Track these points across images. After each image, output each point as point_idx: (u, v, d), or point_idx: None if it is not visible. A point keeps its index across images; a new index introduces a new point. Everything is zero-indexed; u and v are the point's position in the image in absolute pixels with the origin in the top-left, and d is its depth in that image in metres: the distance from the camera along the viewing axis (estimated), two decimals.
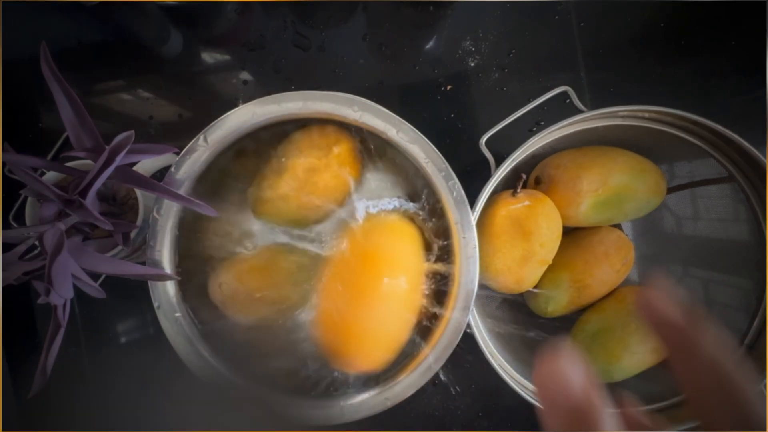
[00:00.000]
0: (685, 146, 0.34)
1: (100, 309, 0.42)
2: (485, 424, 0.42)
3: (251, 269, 0.34)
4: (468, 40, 0.43)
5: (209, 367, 0.31)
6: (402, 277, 0.30)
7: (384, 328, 0.31)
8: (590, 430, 0.13)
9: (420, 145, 0.30)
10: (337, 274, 0.31)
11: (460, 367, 0.42)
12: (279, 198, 0.33)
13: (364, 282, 0.30)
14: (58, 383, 0.32)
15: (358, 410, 0.31)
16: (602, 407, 0.13)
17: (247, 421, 0.31)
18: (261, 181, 0.33)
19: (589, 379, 0.14)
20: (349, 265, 0.31)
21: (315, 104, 0.30)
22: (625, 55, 0.43)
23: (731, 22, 0.43)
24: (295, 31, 0.42)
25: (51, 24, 0.42)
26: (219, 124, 0.30)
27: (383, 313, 0.30)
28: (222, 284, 0.33)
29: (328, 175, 0.32)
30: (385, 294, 0.30)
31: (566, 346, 0.14)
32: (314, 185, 0.32)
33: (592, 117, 0.33)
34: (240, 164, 0.34)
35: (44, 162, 0.27)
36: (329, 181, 0.32)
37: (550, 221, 0.34)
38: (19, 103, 0.41)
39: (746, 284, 0.35)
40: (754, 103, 0.42)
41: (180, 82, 0.42)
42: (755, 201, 0.34)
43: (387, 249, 0.31)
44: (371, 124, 0.30)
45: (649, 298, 0.15)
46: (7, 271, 0.25)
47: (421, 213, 0.34)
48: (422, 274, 0.32)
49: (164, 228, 0.31)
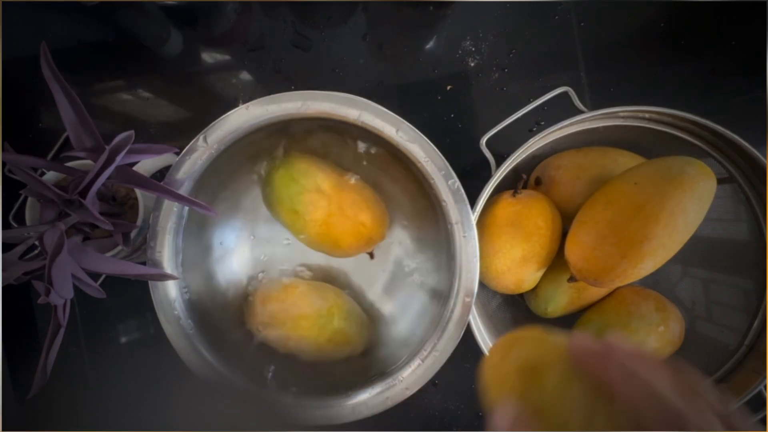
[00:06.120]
0: (686, 146, 0.34)
1: (100, 309, 0.42)
2: (485, 424, 0.42)
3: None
4: (468, 40, 0.43)
5: (209, 367, 0.31)
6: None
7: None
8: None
9: (420, 145, 0.30)
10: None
11: (461, 367, 0.42)
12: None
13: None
14: (58, 383, 0.32)
15: (358, 410, 0.31)
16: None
17: (248, 421, 0.31)
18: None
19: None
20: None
21: (315, 104, 0.30)
22: (625, 55, 0.43)
23: (731, 22, 0.43)
24: (295, 31, 0.42)
25: (51, 24, 0.42)
26: (219, 124, 0.30)
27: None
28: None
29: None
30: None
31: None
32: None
33: (592, 117, 0.33)
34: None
35: (44, 162, 0.27)
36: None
37: (550, 222, 0.34)
38: (19, 103, 0.41)
39: (746, 284, 0.35)
40: (754, 103, 0.42)
41: (180, 82, 0.42)
42: (755, 201, 0.34)
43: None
44: (371, 123, 0.30)
45: (583, 347, 0.15)
46: (7, 271, 0.25)
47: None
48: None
49: (164, 228, 0.31)
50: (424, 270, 0.38)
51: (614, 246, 0.30)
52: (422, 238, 0.38)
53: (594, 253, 0.31)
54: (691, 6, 0.43)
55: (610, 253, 0.30)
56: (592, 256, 0.31)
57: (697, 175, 0.28)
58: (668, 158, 0.31)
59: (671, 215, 0.28)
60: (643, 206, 0.29)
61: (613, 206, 0.30)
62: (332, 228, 0.34)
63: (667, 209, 0.28)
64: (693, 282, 0.39)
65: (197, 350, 0.31)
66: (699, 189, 0.28)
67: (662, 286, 0.39)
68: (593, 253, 0.31)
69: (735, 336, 0.35)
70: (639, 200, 0.29)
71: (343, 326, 0.35)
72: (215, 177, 0.33)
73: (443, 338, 0.31)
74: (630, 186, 0.30)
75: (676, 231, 0.29)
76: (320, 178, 0.34)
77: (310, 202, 0.33)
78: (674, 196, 0.28)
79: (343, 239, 0.34)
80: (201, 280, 0.35)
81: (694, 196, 0.28)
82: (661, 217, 0.28)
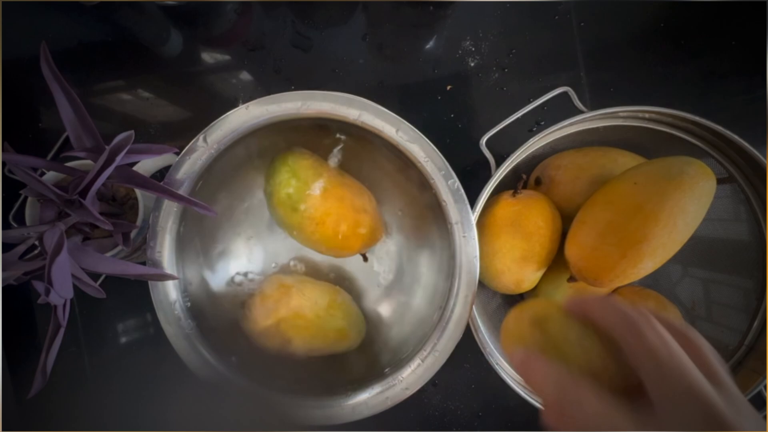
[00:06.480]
0: (686, 146, 0.34)
1: (100, 309, 0.42)
2: (485, 424, 0.42)
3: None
4: (468, 40, 0.43)
5: (209, 367, 0.31)
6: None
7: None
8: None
9: (419, 144, 0.30)
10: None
11: (460, 367, 0.42)
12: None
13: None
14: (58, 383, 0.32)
15: (358, 410, 0.31)
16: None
17: (248, 421, 0.31)
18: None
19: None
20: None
21: (315, 104, 0.30)
22: (625, 55, 0.43)
23: (731, 23, 0.43)
24: (295, 31, 0.42)
25: (51, 24, 0.42)
26: (219, 124, 0.30)
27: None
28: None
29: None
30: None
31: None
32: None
33: (592, 117, 0.33)
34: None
35: (44, 162, 0.27)
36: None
37: (550, 222, 0.34)
38: (19, 103, 0.41)
39: (746, 284, 0.35)
40: (754, 103, 0.42)
41: (180, 82, 0.42)
42: (755, 201, 0.34)
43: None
44: (371, 123, 0.30)
45: (586, 302, 0.20)
46: (7, 271, 0.25)
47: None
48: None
49: (164, 228, 0.31)
50: (424, 270, 0.38)
51: (614, 246, 0.30)
52: (422, 238, 0.38)
53: (594, 253, 0.31)
54: (691, 6, 0.43)
55: (609, 253, 0.30)
56: (592, 256, 0.31)
57: (697, 175, 0.28)
58: (668, 158, 0.31)
59: (671, 215, 0.28)
60: (643, 206, 0.29)
61: (613, 206, 0.30)
62: (329, 227, 0.34)
63: (667, 209, 0.28)
64: (693, 282, 0.39)
65: (197, 350, 0.31)
66: (699, 189, 0.28)
67: (662, 286, 0.39)
68: (593, 253, 0.31)
69: (735, 336, 0.35)
70: (639, 200, 0.29)
71: (341, 323, 0.35)
72: (215, 177, 0.33)
73: (443, 338, 0.31)
74: (630, 186, 0.30)
75: (675, 231, 0.29)
76: (321, 177, 0.34)
77: (309, 200, 0.33)
78: (674, 196, 0.28)
79: (338, 239, 0.35)
80: (200, 279, 0.35)
81: (694, 196, 0.28)
82: (661, 217, 0.28)
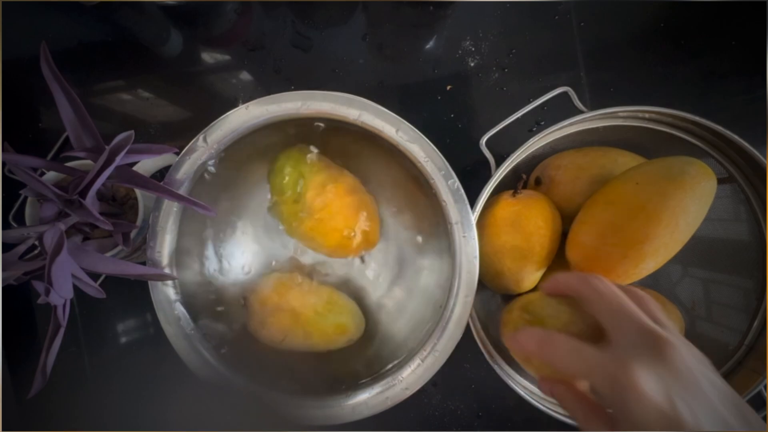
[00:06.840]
0: (686, 146, 0.34)
1: (100, 309, 0.42)
2: (485, 424, 0.42)
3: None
4: (468, 40, 0.43)
5: (209, 367, 0.31)
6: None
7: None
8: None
9: (419, 144, 0.30)
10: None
11: (460, 367, 0.42)
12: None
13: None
14: (58, 383, 0.32)
15: (358, 410, 0.31)
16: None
17: (248, 421, 0.31)
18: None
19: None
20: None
21: (315, 104, 0.30)
22: (625, 55, 0.43)
23: (731, 23, 0.43)
24: (295, 31, 0.42)
25: (51, 24, 0.42)
26: (219, 124, 0.30)
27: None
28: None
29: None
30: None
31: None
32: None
33: (592, 117, 0.33)
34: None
35: (44, 162, 0.27)
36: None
37: (550, 222, 0.34)
38: (19, 103, 0.41)
39: (746, 284, 0.35)
40: (754, 103, 0.42)
41: (180, 82, 0.42)
42: (755, 201, 0.34)
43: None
44: (371, 123, 0.30)
45: (556, 279, 0.27)
46: (7, 271, 0.25)
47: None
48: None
49: (164, 228, 0.31)
50: (424, 270, 0.38)
51: (615, 246, 0.30)
52: (421, 238, 0.38)
53: (595, 254, 0.31)
54: (691, 6, 0.43)
55: (611, 253, 0.30)
56: (594, 257, 0.31)
57: (698, 175, 0.28)
58: (669, 158, 0.31)
59: (672, 215, 0.28)
60: (644, 206, 0.29)
61: (614, 206, 0.30)
62: (329, 226, 0.34)
63: (669, 209, 0.28)
64: (693, 282, 0.39)
65: (197, 350, 0.31)
66: (700, 189, 0.28)
67: (662, 286, 0.39)
68: (595, 253, 0.31)
69: (735, 336, 0.35)
70: (640, 200, 0.29)
71: (340, 319, 0.35)
72: (215, 177, 0.33)
73: (443, 338, 0.31)
74: (631, 186, 0.30)
75: (677, 231, 0.29)
76: (323, 175, 0.34)
77: (311, 198, 0.34)
78: (675, 195, 0.28)
79: (338, 238, 0.35)
80: (200, 279, 0.35)
81: (695, 195, 0.28)
82: (663, 216, 0.28)
